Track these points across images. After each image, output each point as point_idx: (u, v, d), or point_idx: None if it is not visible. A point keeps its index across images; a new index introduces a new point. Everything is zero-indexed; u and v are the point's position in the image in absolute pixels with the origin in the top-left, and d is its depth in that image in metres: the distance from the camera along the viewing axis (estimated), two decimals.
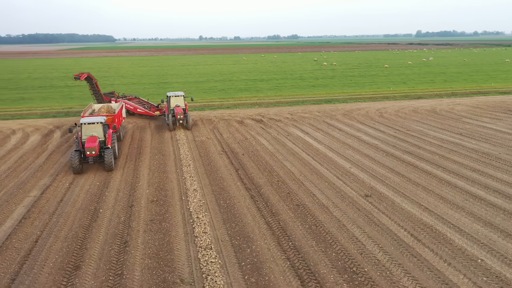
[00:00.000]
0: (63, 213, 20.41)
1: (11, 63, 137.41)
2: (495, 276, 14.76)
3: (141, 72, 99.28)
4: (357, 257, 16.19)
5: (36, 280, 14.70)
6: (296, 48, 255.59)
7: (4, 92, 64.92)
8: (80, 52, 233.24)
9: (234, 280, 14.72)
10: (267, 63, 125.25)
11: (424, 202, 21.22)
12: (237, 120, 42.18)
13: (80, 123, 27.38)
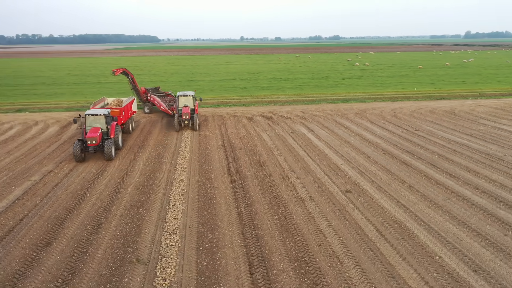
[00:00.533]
0: (54, 196, 21.86)
1: (57, 61, 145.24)
2: (447, 273, 14.55)
3: (173, 70, 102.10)
4: (314, 248, 16.39)
5: (9, 253, 16.03)
6: (334, 48, 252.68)
7: (41, 87, 69.02)
8: (122, 51, 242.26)
9: (187, 263, 15.38)
10: (299, 63, 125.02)
11: (404, 199, 20.97)
12: (247, 117, 42.82)
13: (85, 115, 29.00)
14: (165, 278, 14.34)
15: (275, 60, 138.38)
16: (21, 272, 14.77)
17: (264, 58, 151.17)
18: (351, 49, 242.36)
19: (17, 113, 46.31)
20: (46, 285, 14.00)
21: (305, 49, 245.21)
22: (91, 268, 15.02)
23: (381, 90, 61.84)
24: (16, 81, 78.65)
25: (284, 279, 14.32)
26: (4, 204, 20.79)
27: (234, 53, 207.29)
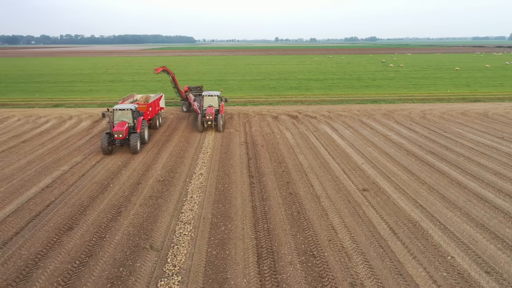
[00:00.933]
0: (80, 185, 22.95)
1: (96, 60, 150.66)
2: (457, 273, 14.30)
3: (205, 70, 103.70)
4: (324, 243, 16.47)
5: (33, 236, 17.05)
6: (370, 50, 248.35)
7: (78, 85, 71.97)
8: (158, 51, 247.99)
9: (197, 251, 15.85)
10: (331, 64, 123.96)
11: (422, 200, 20.64)
12: (272, 116, 43.08)
13: (113, 109, 30.19)
14: (175, 265, 14.85)
15: (308, 61, 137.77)
16: (43, 252, 15.68)
17: (297, 59, 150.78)
18: (387, 50, 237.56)
19: (54, 108, 48.59)
20: (65, 265, 14.81)
21: (340, 50, 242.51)
22: (107, 252, 15.75)
23: (412, 92, 60.50)
24: (56, 79, 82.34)
25: (291, 271, 14.50)
26: (34, 191, 22.01)
27: (267, 53, 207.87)
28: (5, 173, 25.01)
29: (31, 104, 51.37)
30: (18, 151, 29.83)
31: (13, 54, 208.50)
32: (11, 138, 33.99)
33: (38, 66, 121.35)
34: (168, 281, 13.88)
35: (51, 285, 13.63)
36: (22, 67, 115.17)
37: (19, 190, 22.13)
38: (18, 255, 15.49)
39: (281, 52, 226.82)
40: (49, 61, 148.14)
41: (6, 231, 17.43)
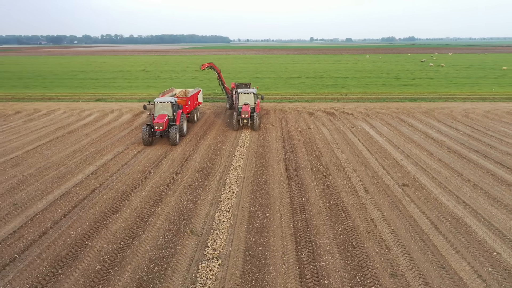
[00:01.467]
0: (122, 173, 23.78)
1: (135, 59, 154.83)
2: (504, 269, 13.85)
3: (240, 68, 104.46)
4: (363, 234, 16.34)
5: (80, 218, 17.85)
6: (408, 49, 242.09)
7: (119, 81, 74.30)
8: (194, 51, 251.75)
9: (236, 238, 16.11)
10: (368, 63, 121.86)
11: (465, 196, 20.07)
12: (308, 112, 42.94)
13: (153, 102, 31.06)
14: (215, 249, 15.16)
15: (343, 60, 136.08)
16: (90, 233, 16.40)
17: (332, 58, 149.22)
18: (426, 50, 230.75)
19: (97, 102, 50.42)
20: (110, 245, 15.43)
21: (376, 50, 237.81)
22: (149, 235, 16.28)
23: (453, 91, 58.61)
24: (97, 75, 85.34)
25: (330, 259, 14.49)
26: (80, 177, 23.00)
27: (302, 53, 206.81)
28: (53, 160, 26.23)
29: (75, 98, 53.54)
30: (64, 141, 31.21)
31: (57, 53, 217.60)
32: (58, 129, 35.59)
33: (80, 63, 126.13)
34: (209, 263, 14.19)
35: (98, 263, 14.24)
36: (66, 65, 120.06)
37: (67, 176, 23.18)
38: (67, 235, 16.27)
39: (316, 51, 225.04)
40: (90, 59, 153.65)
41: (56, 213, 18.32)
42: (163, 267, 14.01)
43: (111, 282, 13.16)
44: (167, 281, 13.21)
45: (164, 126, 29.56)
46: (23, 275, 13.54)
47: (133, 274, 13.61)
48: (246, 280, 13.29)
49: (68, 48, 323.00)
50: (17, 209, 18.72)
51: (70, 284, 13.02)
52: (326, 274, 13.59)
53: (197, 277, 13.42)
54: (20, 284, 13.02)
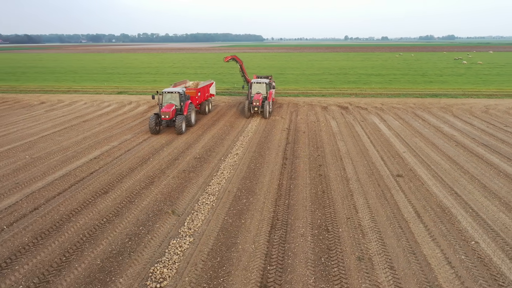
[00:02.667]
0: (123, 158, 24.60)
1: (166, 56, 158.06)
2: (477, 257, 13.47)
3: (266, 64, 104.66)
4: (341, 220, 16.27)
5: (73, 196, 18.69)
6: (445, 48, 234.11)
7: (144, 76, 76.23)
8: (225, 49, 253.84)
9: (214, 219, 16.43)
10: (398, 61, 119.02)
11: (459, 188, 19.53)
12: (322, 106, 42.66)
13: (162, 92, 31.84)
14: (190, 228, 15.54)
15: (373, 58, 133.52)
16: (77, 210, 17.17)
17: (362, 56, 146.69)
18: (464, 48, 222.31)
19: (118, 94, 52.07)
20: (93, 221, 16.12)
21: (411, 48, 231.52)
22: (132, 213, 16.86)
23: (480, 87, 56.45)
24: (125, 71, 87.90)
25: (300, 242, 14.54)
26: (83, 161, 24.00)
27: (333, 51, 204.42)
28: (63, 145, 27.45)
29: (98, 91, 55.48)
30: (77, 129, 32.54)
31: (94, 50, 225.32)
32: (75, 118, 37.10)
33: (113, 60, 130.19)
34: (180, 240, 14.57)
35: (77, 236, 14.93)
36: (99, 61, 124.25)
37: (71, 160, 24.23)
38: (56, 211, 17.09)
39: (348, 49, 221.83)
40: (124, 56, 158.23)
41: (51, 191, 19.25)
42: (136, 242, 14.50)
43: (84, 253, 13.78)
44: (136, 255, 13.68)
45: (170, 116, 30.25)
46: (6, 243, 14.39)
47: (107, 247, 14.18)
48: (212, 257, 13.57)
49: (105, 46, 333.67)
50: (18, 187, 19.80)
51: (46, 253, 13.73)
52: (292, 255, 13.66)
53: (165, 252, 13.81)
54: (1, 252, 13.83)
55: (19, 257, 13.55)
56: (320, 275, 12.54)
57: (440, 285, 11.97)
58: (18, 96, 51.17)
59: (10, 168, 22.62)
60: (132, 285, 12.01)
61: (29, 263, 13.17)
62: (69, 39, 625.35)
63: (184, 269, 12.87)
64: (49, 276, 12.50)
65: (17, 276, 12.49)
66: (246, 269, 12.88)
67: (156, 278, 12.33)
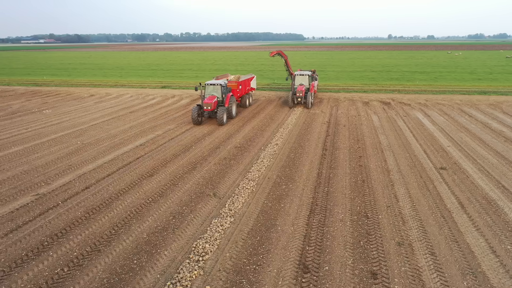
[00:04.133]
0: (167, 146, 25.56)
1: (207, 54, 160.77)
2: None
3: (306, 62, 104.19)
4: (381, 208, 16.21)
5: (120, 178, 19.70)
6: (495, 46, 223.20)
7: (187, 72, 78.03)
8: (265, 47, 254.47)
9: (254, 202, 16.83)
10: (445, 58, 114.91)
11: (507, 181, 18.90)
12: (363, 101, 42.15)
13: (205, 84, 32.69)
14: (231, 209, 16.01)
15: (418, 56, 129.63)
16: (125, 190, 18.10)
17: (406, 54, 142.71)
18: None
19: (162, 89, 53.77)
20: (139, 201, 16.96)
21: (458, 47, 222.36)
22: (176, 194, 17.58)
23: None
24: (169, 67, 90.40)
25: (339, 226, 14.65)
26: (130, 147, 25.15)
27: (375, 49, 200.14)
28: (111, 133, 28.84)
29: (143, 85, 57.52)
30: (124, 119, 34.03)
31: (138, 49, 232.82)
32: (122, 109, 38.76)
33: (156, 58, 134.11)
34: (221, 220, 15.07)
35: (124, 212, 15.78)
36: (143, 59, 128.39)
37: (118, 146, 25.45)
38: (105, 190, 18.10)
39: (391, 48, 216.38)
40: (167, 54, 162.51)
41: (101, 173, 20.37)
42: (179, 220, 15.15)
43: (131, 228, 14.57)
44: (180, 231, 14.31)
45: (212, 107, 31.00)
46: (61, 217, 15.46)
47: (152, 223, 14.91)
48: (252, 236, 13.96)
49: (149, 45, 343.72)
50: (70, 168, 21.10)
51: (97, 226, 14.64)
52: (331, 238, 13.80)
53: (207, 230, 14.35)
54: (57, 223, 14.90)
55: (73, 229, 14.52)
56: (359, 257, 12.60)
57: (484, 272, 11.72)
58: (70, 89, 53.99)
59: (64, 152, 24.08)
60: (176, 258, 12.60)
61: (82, 234, 14.09)
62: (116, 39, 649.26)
63: (225, 245, 13.33)
64: (100, 246, 13.33)
65: (72, 244, 13.41)
66: (285, 248, 13.16)
67: (199, 252, 12.85)
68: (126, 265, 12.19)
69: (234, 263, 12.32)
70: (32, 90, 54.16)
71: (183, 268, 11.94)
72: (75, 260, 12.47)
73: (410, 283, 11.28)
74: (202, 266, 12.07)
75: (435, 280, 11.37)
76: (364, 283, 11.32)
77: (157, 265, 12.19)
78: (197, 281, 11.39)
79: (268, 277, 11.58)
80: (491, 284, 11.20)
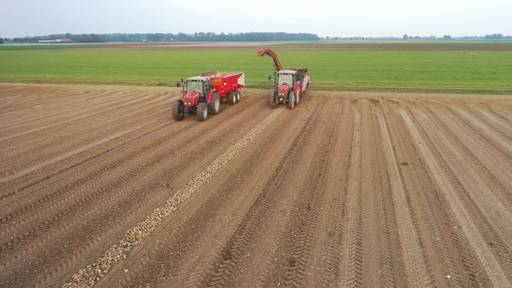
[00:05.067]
0: (141, 140, 26.02)
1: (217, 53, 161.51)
2: (454, 240, 13.06)
3: (311, 61, 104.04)
4: (326, 200, 16.32)
5: (82, 169, 20.18)
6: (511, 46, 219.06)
7: (189, 71, 78.68)
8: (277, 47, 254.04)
9: (203, 193, 17.10)
10: (453, 58, 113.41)
11: (464, 177, 18.81)
12: (352, 99, 42.07)
13: (186, 80, 33.09)
14: (178, 199, 16.33)
15: (426, 56, 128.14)
16: (82, 180, 18.60)
17: (415, 54, 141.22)
18: None
19: (157, 86, 54.46)
20: (93, 190, 17.40)
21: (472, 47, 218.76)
22: (131, 185, 17.97)
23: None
24: (173, 66, 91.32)
25: (278, 217, 14.83)
26: (104, 141, 25.69)
27: (386, 49, 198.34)
28: (91, 127, 29.45)
29: (140, 83, 58.33)
30: (109, 114, 34.67)
31: (151, 48, 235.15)
32: (111, 105, 39.47)
33: (164, 57, 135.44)
34: (163, 209, 15.41)
35: (74, 201, 16.22)
36: (151, 57, 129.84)
37: (93, 139, 26.02)
38: (64, 180, 18.61)
39: (403, 48, 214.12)
40: (175, 53, 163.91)
41: (66, 164, 20.92)
42: (124, 208, 15.53)
43: (74, 215, 15.00)
44: (120, 219, 14.68)
45: (192, 103, 31.39)
46: (12, 204, 15.99)
47: (96, 211, 15.32)
48: (188, 224, 14.25)
49: (162, 45, 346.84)
50: (39, 159, 21.70)
51: (43, 213, 15.11)
52: (265, 227, 14.01)
53: (147, 217, 14.69)
54: (5, 210, 15.41)
55: (19, 215, 15.02)
56: (285, 245, 12.78)
57: (402, 262, 11.80)
58: (67, 86, 55.10)
59: (38, 144, 24.73)
60: (106, 243, 12.96)
61: (25, 220, 14.58)
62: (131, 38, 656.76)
63: (158, 232, 13.64)
64: (38, 231, 13.79)
65: (12, 229, 13.90)
66: (216, 236, 13.41)
67: (130, 238, 13.20)
68: (56, 249, 12.60)
69: (160, 249, 12.62)
70: (31, 86, 55.43)
71: (108, 253, 12.28)
72: (9, 244, 12.93)
73: (325, 270, 11.42)
74: (127, 251, 12.40)
75: (350, 268, 11.50)
76: (279, 269, 11.51)
77: (86, 250, 12.56)
78: (118, 265, 11.72)
79: (187, 262, 11.85)
80: (405, 272, 11.28)
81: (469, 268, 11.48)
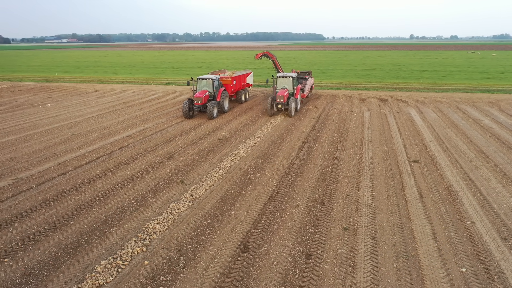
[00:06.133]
0: (153, 138, 26.31)
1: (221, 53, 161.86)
2: (467, 235, 13.19)
3: (318, 61, 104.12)
4: (340, 196, 16.49)
5: (98, 166, 20.48)
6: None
7: (196, 70, 79.09)
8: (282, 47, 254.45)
9: (217, 189, 17.34)
10: (461, 58, 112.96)
11: (475, 174, 18.89)
12: (360, 98, 42.15)
13: (197, 78, 33.36)
14: (193, 195, 16.57)
15: (433, 55, 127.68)
16: (97, 177, 18.88)
17: (422, 54, 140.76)
18: None
19: (166, 85, 54.83)
20: (108, 186, 17.69)
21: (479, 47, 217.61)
22: (145, 181, 18.24)
23: None
24: (180, 65, 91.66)
25: (292, 212, 15.03)
26: (116, 138, 26.00)
27: (393, 49, 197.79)
28: (103, 125, 29.81)
29: (149, 82, 58.74)
30: (120, 112, 35.03)
31: (156, 48, 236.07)
32: (121, 103, 39.84)
33: (170, 56, 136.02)
34: (179, 204, 15.66)
35: (91, 196, 16.51)
36: (158, 57, 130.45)
37: (106, 137, 26.35)
38: (80, 176, 18.92)
39: (410, 48, 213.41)
40: (182, 53, 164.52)
41: (81, 161, 21.24)
42: (140, 203, 15.80)
43: (92, 209, 15.28)
44: (137, 213, 14.95)
45: (202, 101, 31.66)
46: (31, 198, 16.31)
47: (113, 206, 15.60)
48: (204, 219, 14.48)
49: (168, 44, 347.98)
50: (54, 156, 22.05)
51: (62, 208, 15.41)
52: (280, 222, 14.20)
53: (163, 212, 14.95)
54: (25, 204, 15.74)
55: (39, 209, 15.33)
56: (301, 239, 12.97)
57: (418, 256, 11.95)
58: (77, 85, 55.63)
59: (52, 142, 25.10)
60: (125, 236, 13.23)
61: (45, 214, 14.88)
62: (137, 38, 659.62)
63: (175, 226, 13.89)
64: (58, 224, 14.09)
65: (33, 222, 14.21)
66: (232, 230, 13.63)
67: (148, 232, 13.46)
68: (77, 241, 12.88)
69: (178, 242, 12.86)
70: (41, 85, 56.01)
71: (128, 245, 12.55)
72: (31, 236, 13.22)
73: (342, 263, 11.60)
74: (147, 244, 12.65)
75: (367, 262, 11.67)
76: (296, 262, 11.71)
77: (106, 242, 12.82)
78: (138, 257, 11.97)
79: (206, 255, 12.08)
80: (420, 266, 11.44)
81: (483, 262, 11.61)
